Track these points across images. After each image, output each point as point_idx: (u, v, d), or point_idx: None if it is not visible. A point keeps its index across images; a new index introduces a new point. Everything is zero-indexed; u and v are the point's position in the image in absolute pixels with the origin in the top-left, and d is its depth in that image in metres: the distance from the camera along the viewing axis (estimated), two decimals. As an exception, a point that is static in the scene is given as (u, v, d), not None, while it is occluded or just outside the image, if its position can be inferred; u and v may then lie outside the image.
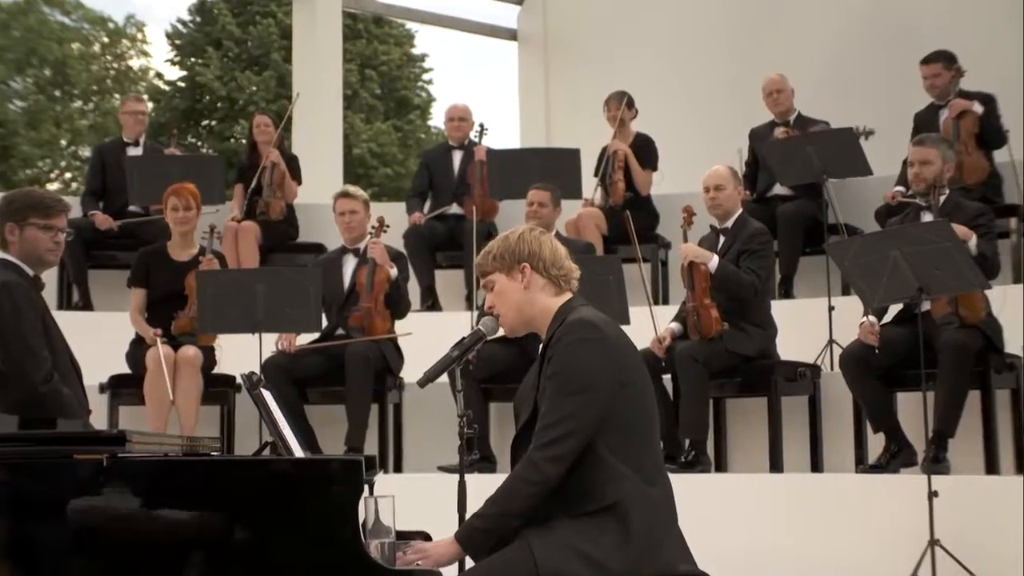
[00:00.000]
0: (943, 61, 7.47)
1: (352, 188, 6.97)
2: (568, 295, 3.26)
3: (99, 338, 6.54)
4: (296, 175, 8.51)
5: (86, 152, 23.53)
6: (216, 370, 6.64)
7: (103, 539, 2.88)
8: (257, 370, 5.98)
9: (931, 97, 7.58)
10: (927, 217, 5.75)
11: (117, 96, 24.26)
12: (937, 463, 5.34)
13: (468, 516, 3.10)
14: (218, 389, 6.58)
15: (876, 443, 5.81)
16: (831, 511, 5.54)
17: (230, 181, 10.22)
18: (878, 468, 5.65)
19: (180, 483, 2.93)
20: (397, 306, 6.68)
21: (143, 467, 2.95)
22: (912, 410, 5.74)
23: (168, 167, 7.91)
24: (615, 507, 3.00)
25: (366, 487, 3.01)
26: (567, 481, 3.03)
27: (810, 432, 6.25)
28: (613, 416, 3.05)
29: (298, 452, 3.32)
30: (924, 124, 7.43)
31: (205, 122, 24.74)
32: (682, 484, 4.55)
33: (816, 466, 6.18)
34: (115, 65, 26.08)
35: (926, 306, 5.52)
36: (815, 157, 7.05)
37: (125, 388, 6.57)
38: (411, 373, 6.48)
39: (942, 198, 5.76)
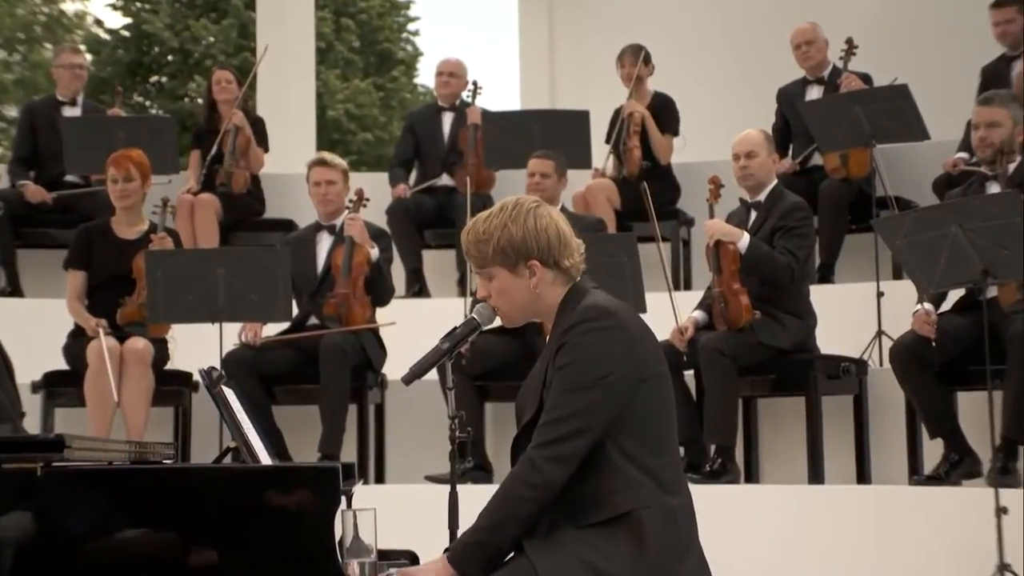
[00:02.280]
0: (1018, 4, 7.42)
1: (328, 155, 6.96)
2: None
3: (31, 329, 6.55)
4: (262, 140, 8.51)
5: (12, 112, 23.42)
6: (169, 366, 6.65)
7: (36, 561, 2.87)
8: (217, 365, 5.98)
9: (1002, 47, 7.56)
10: (994, 188, 5.74)
11: (49, 46, 24.12)
12: (1005, 474, 5.34)
13: (461, 532, 3.10)
14: (171, 388, 6.59)
15: (933, 450, 5.82)
16: (880, 529, 5.55)
17: (185, 147, 10.21)
18: (936, 480, 5.65)
19: (127, 496, 2.93)
20: (379, 292, 6.68)
21: (84, 477, 2.94)
22: (975, 412, 5.74)
23: (111, 130, 7.89)
24: (628, 518, 3.00)
25: (343, 499, 3.01)
26: (572, 488, 3.03)
27: (855, 437, 6.26)
28: (628, 415, 3.05)
29: (265, 459, 3.32)
30: (993, 79, 7.40)
31: (154, 78, 24.68)
32: (707, 496, 4.56)
33: (862, 477, 6.19)
34: (45, 9, 25.95)
35: (992, 291, 5.51)
36: (863, 119, 7.03)
37: (62, 387, 6.57)
38: (395, 369, 6.49)
39: (1012, 166, 5.76)
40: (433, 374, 3.36)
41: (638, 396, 3.06)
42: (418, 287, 8.10)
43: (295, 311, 6.66)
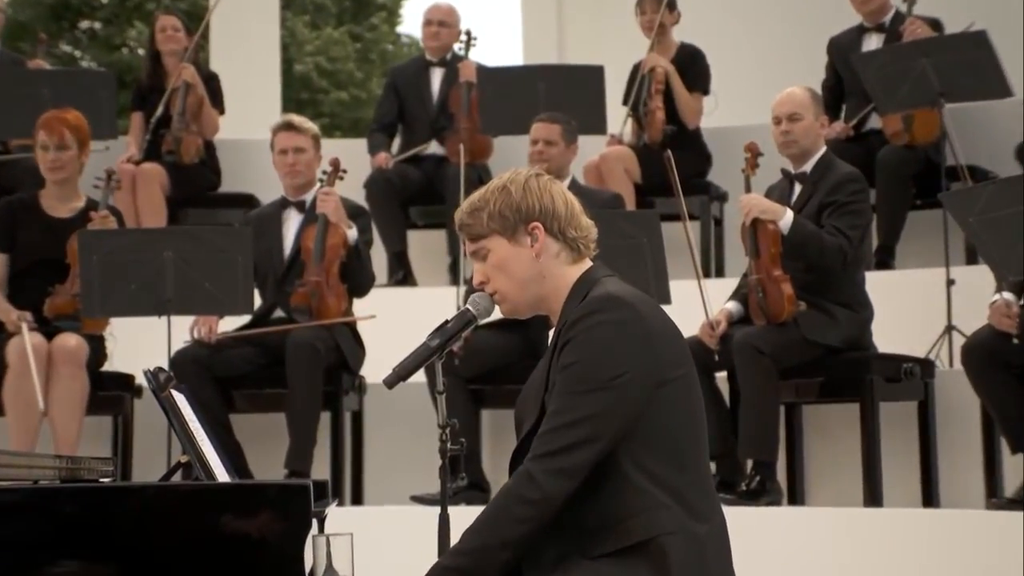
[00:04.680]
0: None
1: (296, 118, 6.96)
2: (587, 263, 3.27)
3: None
4: (217, 100, 8.50)
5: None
6: (106, 367, 6.66)
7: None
8: (165, 366, 5.98)
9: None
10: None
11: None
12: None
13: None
14: (109, 393, 6.60)
15: (1014, 468, 5.83)
16: (951, 561, 5.54)
17: (124, 107, 10.20)
18: (1018, 504, 5.66)
19: (57, 521, 2.93)
20: (356, 279, 6.69)
21: (4, 499, 2.94)
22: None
23: (33, 86, 7.87)
24: (648, 546, 3.01)
25: (315, 523, 3.01)
26: (583, 511, 3.05)
27: (921, 451, 6.26)
28: (646, 424, 3.06)
29: (222, 476, 3.33)
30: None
31: (85, 23, 24.59)
32: (743, 521, 4.57)
33: (929, 499, 6.20)
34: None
35: (1083, 278, 5.52)
36: (931, 73, 7.01)
37: (-20, 392, 6.57)
38: (375, 370, 6.48)
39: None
40: (420, 376, 3.36)
41: (658, 401, 3.07)
42: (402, 274, 8.11)
43: (257, 302, 6.67)
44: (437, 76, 8.52)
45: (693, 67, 8.20)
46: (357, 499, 6.74)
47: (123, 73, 18.72)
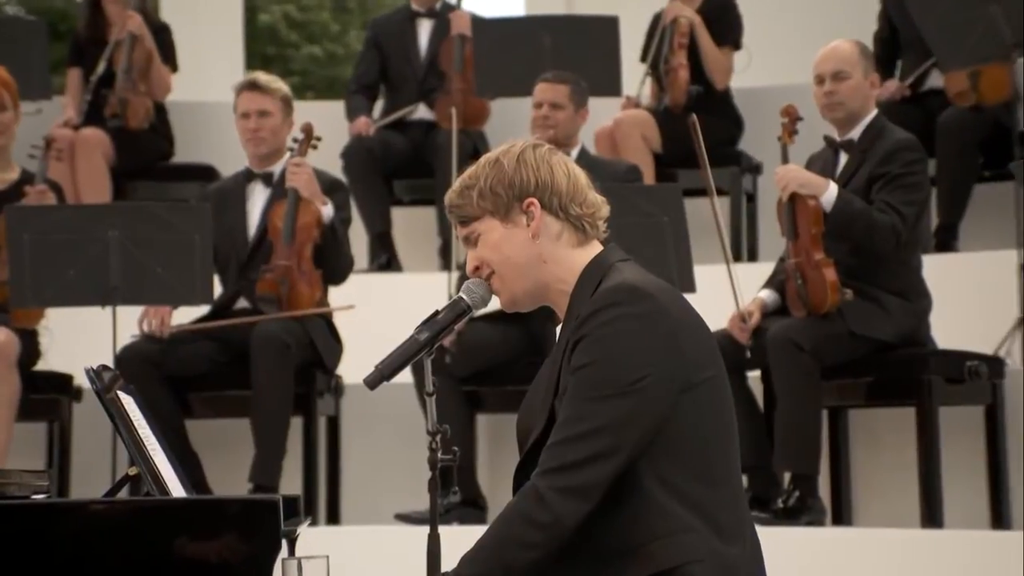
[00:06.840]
0: None
1: (262, 77, 6.95)
2: (596, 246, 3.27)
3: None
4: (169, 56, 8.49)
5: None
6: (40, 365, 6.68)
7: None
8: (111, 364, 5.99)
9: None
10: None
11: None
12: None
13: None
14: (44, 396, 6.63)
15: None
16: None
17: (58, 62, 10.19)
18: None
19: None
20: (332, 264, 6.69)
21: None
22: None
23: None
24: (674, 575, 3.02)
25: (284, 544, 3.02)
26: (596, 533, 3.06)
27: (988, 464, 6.28)
28: (671, 434, 3.07)
29: (177, 491, 3.34)
30: None
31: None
32: (780, 541, 4.59)
33: (999, 519, 6.21)
34: None
35: None
36: (1002, 21, 7.00)
37: None
38: (354, 368, 6.48)
39: None
40: (407, 376, 3.37)
41: (684, 407, 3.07)
42: (386, 258, 8.12)
43: (218, 290, 6.68)
44: (425, 29, 8.51)
45: (722, 17, 8.20)
46: (333, 517, 6.75)
47: (56, 22, 18.70)
